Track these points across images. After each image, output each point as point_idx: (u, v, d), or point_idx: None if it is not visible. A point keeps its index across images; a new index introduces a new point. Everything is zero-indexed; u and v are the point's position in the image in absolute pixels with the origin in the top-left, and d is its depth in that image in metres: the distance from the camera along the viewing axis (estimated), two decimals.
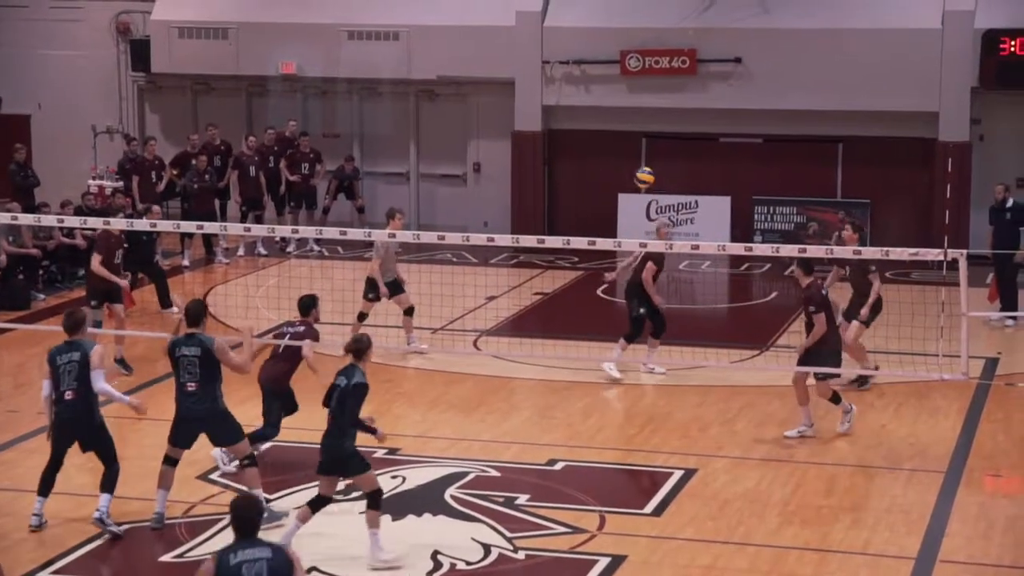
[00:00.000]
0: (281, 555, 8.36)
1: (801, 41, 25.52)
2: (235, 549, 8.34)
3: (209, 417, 12.74)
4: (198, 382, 12.64)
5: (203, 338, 12.74)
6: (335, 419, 11.94)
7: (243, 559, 8.27)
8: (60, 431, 12.83)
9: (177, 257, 24.58)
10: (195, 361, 12.63)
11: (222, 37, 28.06)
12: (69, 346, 12.79)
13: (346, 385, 11.94)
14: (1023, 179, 25.37)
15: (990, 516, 13.31)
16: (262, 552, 8.30)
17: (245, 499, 8.88)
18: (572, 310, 22.33)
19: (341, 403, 11.92)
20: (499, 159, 27.38)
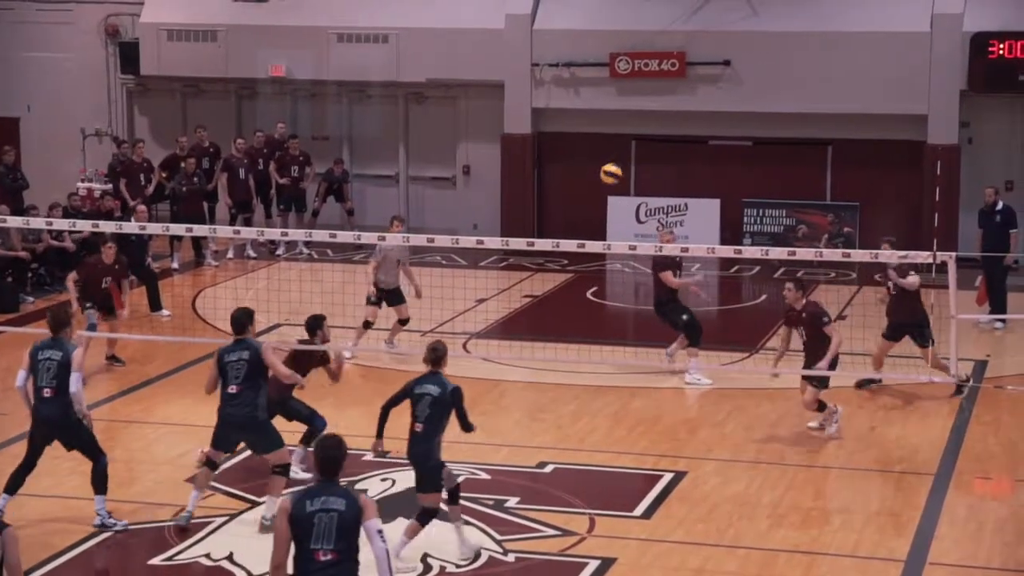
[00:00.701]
0: (353, 509, 8.47)
1: (790, 44, 25.54)
2: (313, 495, 8.48)
3: (248, 424, 12.65)
4: (240, 386, 12.54)
5: (251, 343, 12.66)
6: (427, 430, 11.84)
7: (318, 507, 8.43)
8: (38, 429, 12.83)
9: (166, 260, 24.53)
10: (242, 366, 12.55)
11: (211, 39, 28.03)
12: (52, 343, 12.76)
13: (441, 394, 11.84)
14: (1011, 182, 25.44)
15: (979, 518, 13.33)
16: (336, 503, 8.44)
17: (332, 438, 8.76)
18: (562, 313, 22.33)
19: (436, 413, 11.84)
20: (488, 162, 27.38)
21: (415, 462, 11.99)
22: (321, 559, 8.45)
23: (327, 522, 8.43)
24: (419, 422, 11.87)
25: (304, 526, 8.43)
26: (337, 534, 8.44)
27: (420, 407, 11.88)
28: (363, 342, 18.39)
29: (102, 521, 12.75)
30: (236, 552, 12.33)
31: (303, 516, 8.44)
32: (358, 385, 17.66)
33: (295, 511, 8.45)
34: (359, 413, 16.46)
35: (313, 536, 8.43)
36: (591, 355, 18.05)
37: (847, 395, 17.09)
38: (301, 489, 8.77)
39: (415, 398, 11.94)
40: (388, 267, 18.34)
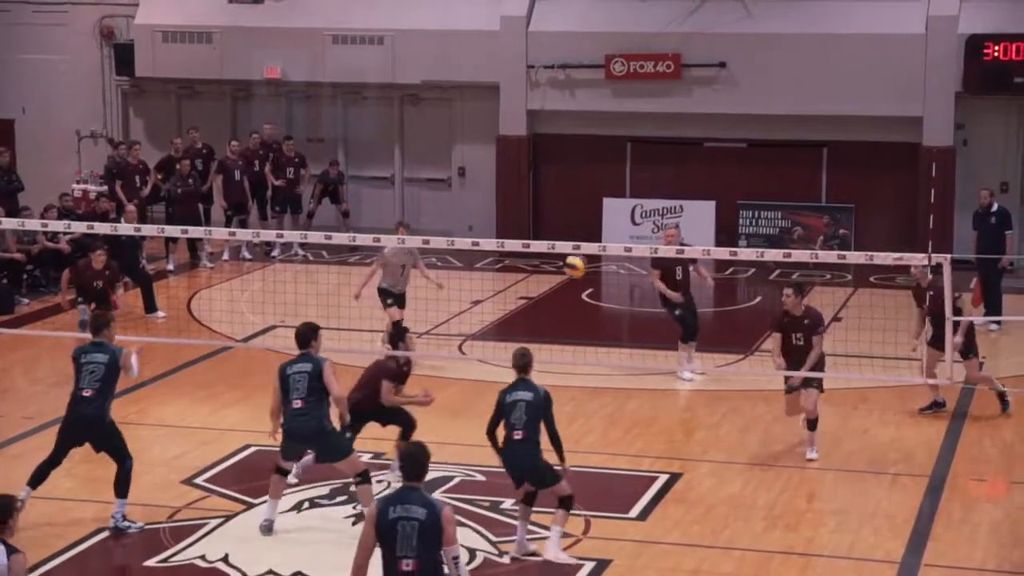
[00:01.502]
0: (434, 518, 8.78)
1: (786, 46, 25.54)
2: (396, 502, 8.86)
3: (316, 435, 12.61)
4: (304, 399, 12.50)
5: (315, 358, 12.65)
6: (528, 433, 11.93)
7: (400, 515, 8.78)
8: (71, 427, 12.92)
9: (162, 261, 24.52)
10: (304, 378, 12.53)
11: (206, 41, 28.01)
12: (95, 347, 12.90)
13: (535, 398, 11.95)
14: (1007, 184, 25.46)
15: (974, 520, 13.34)
16: (418, 512, 8.78)
17: (417, 445, 9.22)
18: (557, 314, 22.33)
19: (533, 417, 11.93)
20: (484, 163, 27.37)
21: (523, 469, 12.06)
22: (404, 568, 8.77)
23: (408, 531, 8.76)
24: (517, 429, 11.99)
25: (388, 534, 8.79)
26: (418, 543, 8.75)
27: (515, 414, 12.01)
28: (357, 344, 18.34)
29: (115, 524, 12.78)
30: (232, 554, 12.33)
31: (386, 523, 8.79)
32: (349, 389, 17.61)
33: (380, 518, 8.83)
34: None
35: (397, 545, 8.77)
36: (586, 357, 18.06)
37: (841, 395, 17.11)
38: (387, 495, 9.26)
39: (508, 407, 12.05)
40: (392, 271, 18.20)
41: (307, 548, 12.50)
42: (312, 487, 13.96)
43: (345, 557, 12.18)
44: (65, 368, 17.75)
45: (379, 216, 27.81)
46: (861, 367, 17.23)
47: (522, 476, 12.14)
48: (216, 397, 17.17)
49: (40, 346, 19.43)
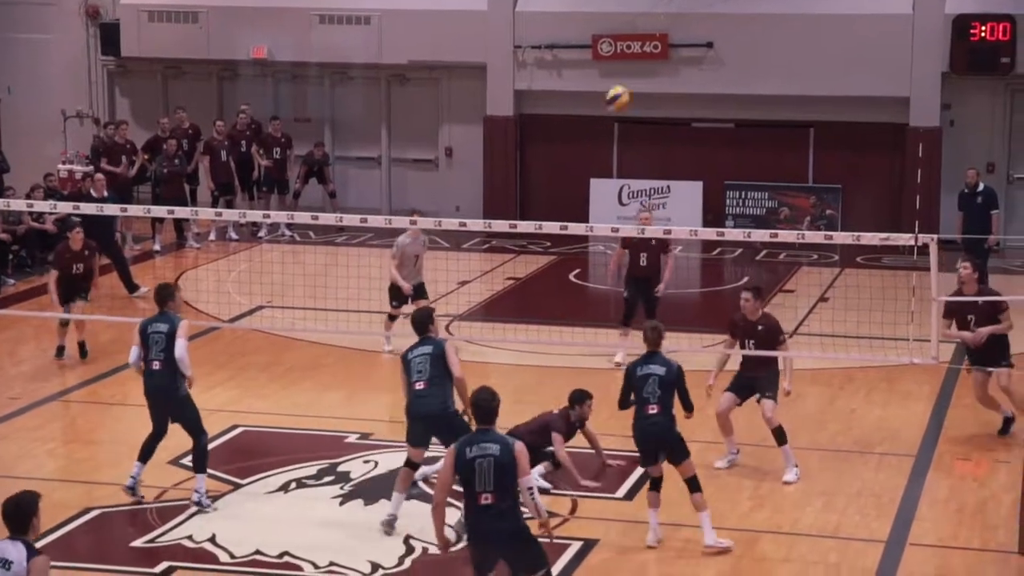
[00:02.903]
0: (508, 452, 9.55)
1: (773, 26, 25.54)
2: (472, 442, 9.64)
3: (438, 417, 12.39)
4: (427, 381, 12.41)
5: (435, 340, 12.61)
6: (662, 408, 12.03)
7: (476, 454, 9.55)
8: (152, 400, 13.04)
9: (148, 242, 24.49)
10: (426, 360, 12.45)
11: (192, 21, 27.93)
12: (159, 317, 12.97)
13: (667, 373, 12.06)
14: (993, 164, 25.49)
15: (960, 499, 13.40)
16: (492, 448, 9.56)
17: (486, 391, 9.87)
18: (544, 295, 22.34)
19: (667, 391, 12.04)
20: (471, 144, 27.35)
21: (659, 440, 12.10)
22: (483, 502, 9.53)
23: (485, 467, 9.50)
24: (651, 403, 12.07)
25: (467, 471, 9.55)
26: (495, 477, 9.49)
27: (648, 388, 12.09)
28: (344, 324, 18.33)
29: (199, 500, 12.82)
30: (218, 534, 12.33)
31: (464, 462, 9.55)
32: (337, 370, 17.66)
33: (458, 459, 9.57)
34: (338, 395, 16.52)
35: (476, 481, 9.52)
36: (574, 337, 18.06)
37: (827, 375, 17.15)
38: (463, 438, 9.80)
39: (639, 381, 12.13)
40: (408, 262, 17.71)
41: (294, 528, 12.50)
42: (300, 467, 13.97)
43: (332, 538, 12.28)
44: (49, 349, 17.85)
45: (366, 196, 27.80)
46: (848, 347, 17.26)
47: (657, 448, 12.14)
48: (203, 378, 17.05)
49: (25, 327, 19.40)
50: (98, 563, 11.97)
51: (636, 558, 11.97)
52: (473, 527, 9.69)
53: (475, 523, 9.65)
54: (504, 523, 9.54)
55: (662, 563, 11.88)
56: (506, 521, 9.55)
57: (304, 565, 11.76)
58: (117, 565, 11.90)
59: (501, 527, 9.54)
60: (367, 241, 25.12)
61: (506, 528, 9.56)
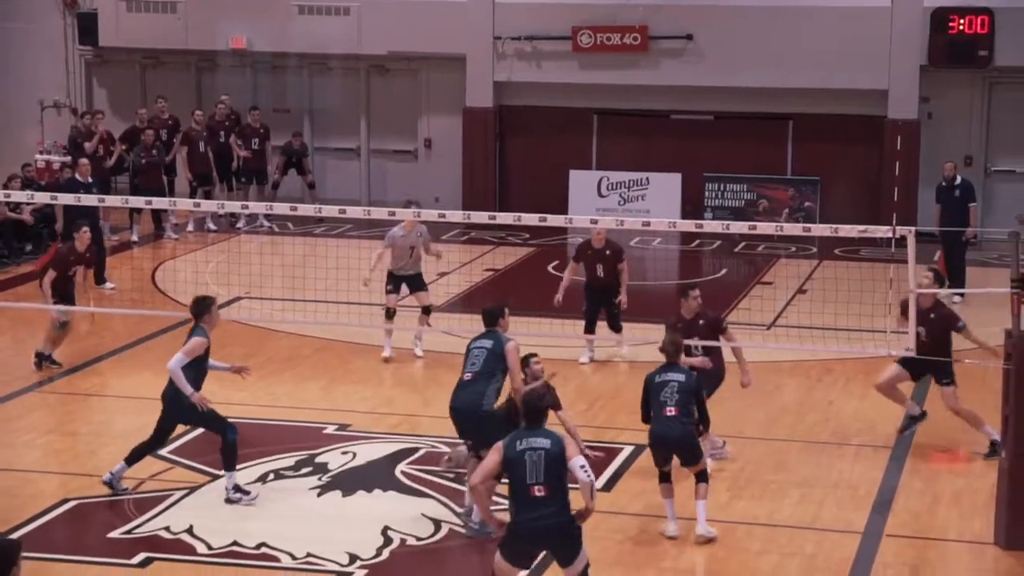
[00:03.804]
0: (558, 446, 9.62)
1: (752, 19, 25.56)
2: (521, 436, 9.70)
3: (472, 414, 12.37)
4: (474, 374, 12.44)
5: (498, 336, 12.60)
6: (680, 411, 12.11)
7: (527, 447, 9.61)
8: (162, 405, 12.97)
9: (126, 232, 24.42)
10: (482, 354, 12.47)
11: (170, 11, 27.85)
12: (194, 329, 12.86)
13: (687, 379, 12.21)
14: (971, 157, 25.57)
15: (936, 490, 13.44)
16: (542, 442, 9.62)
17: (534, 391, 10.16)
18: (523, 286, 22.32)
19: (685, 396, 12.13)
20: (450, 135, 27.33)
21: (675, 440, 12.14)
22: (536, 494, 9.52)
23: (536, 459, 9.54)
24: (669, 406, 12.13)
25: (517, 464, 9.57)
26: (546, 469, 9.53)
27: (666, 392, 12.17)
28: (323, 315, 18.31)
29: (227, 497, 12.76)
30: (196, 525, 12.31)
31: (514, 455, 9.59)
32: (315, 361, 17.64)
33: (507, 452, 9.62)
34: (316, 387, 16.50)
35: (527, 473, 9.54)
36: (552, 329, 18.06)
37: (806, 367, 17.19)
38: (513, 433, 9.87)
39: (657, 387, 12.23)
40: (401, 253, 17.60)
41: (272, 519, 12.49)
42: (277, 458, 13.96)
43: (310, 529, 12.26)
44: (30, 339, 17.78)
45: (345, 188, 27.77)
46: (825, 339, 17.27)
47: (672, 448, 12.19)
48: None
49: (1, 318, 19.33)
50: (75, 554, 11.94)
51: (613, 548, 11.98)
52: (524, 520, 9.58)
53: (525, 515, 9.56)
54: (557, 517, 9.55)
55: (638, 554, 11.89)
56: (558, 515, 9.56)
57: (282, 556, 11.75)
58: (94, 556, 11.85)
59: (552, 521, 9.54)
60: (346, 232, 25.08)
61: (557, 522, 9.56)
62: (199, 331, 12.83)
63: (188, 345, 12.73)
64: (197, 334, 12.80)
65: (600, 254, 17.19)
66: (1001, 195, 25.53)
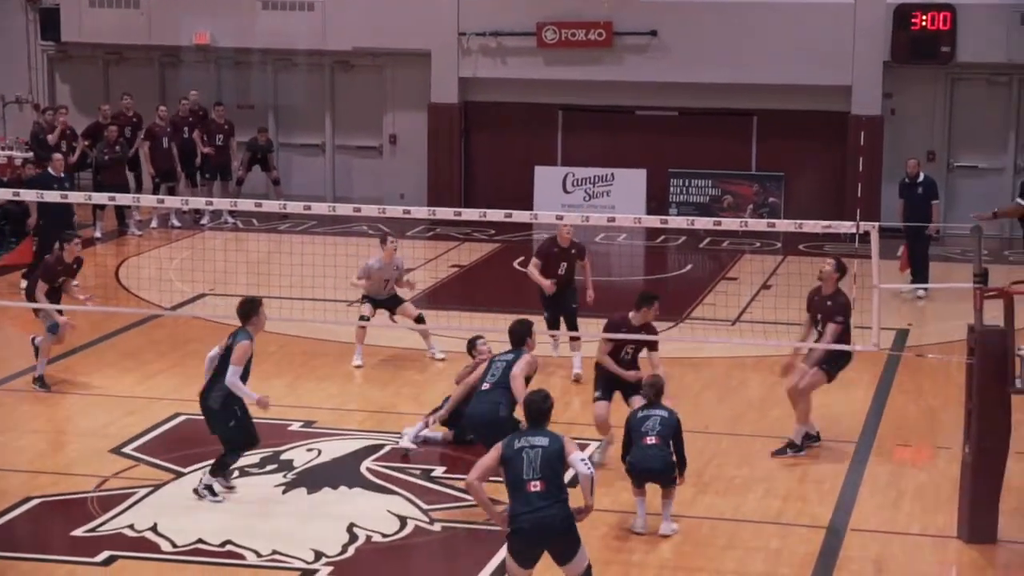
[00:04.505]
0: (557, 444, 9.70)
1: (716, 14, 25.62)
2: (521, 435, 9.81)
3: (489, 421, 12.78)
4: (491, 383, 12.97)
5: (518, 353, 13.14)
6: (661, 441, 12.25)
7: (524, 444, 9.70)
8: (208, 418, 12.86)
9: (89, 229, 24.29)
10: (502, 367, 12.99)
11: (134, 6, 27.72)
12: (234, 333, 12.71)
13: (669, 416, 12.39)
14: (933, 152, 25.70)
15: (900, 485, 13.51)
16: (541, 440, 9.71)
17: (540, 392, 10.08)
18: (489, 282, 22.34)
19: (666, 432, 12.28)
20: (415, 131, 27.29)
21: (653, 469, 12.23)
22: (531, 489, 9.58)
23: (532, 456, 9.62)
24: (650, 435, 12.27)
25: (514, 461, 9.64)
26: (542, 465, 9.60)
27: (648, 424, 12.33)
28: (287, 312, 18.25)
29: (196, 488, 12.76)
30: (160, 523, 12.27)
31: (512, 452, 9.67)
32: (280, 358, 17.59)
33: (505, 449, 9.70)
34: (281, 383, 16.45)
35: (524, 468, 9.61)
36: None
37: (770, 363, 17.22)
38: (513, 432, 10.02)
39: (639, 422, 12.38)
40: (376, 285, 17.33)
41: (237, 517, 12.45)
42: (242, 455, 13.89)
43: (275, 526, 12.24)
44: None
45: (310, 184, 27.71)
46: (790, 334, 17.29)
47: (649, 476, 12.26)
48: (145, 366, 17.06)
49: None
50: (39, 552, 11.89)
51: None
52: (520, 516, 9.60)
53: (520, 510, 9.59)
54: (553, 510, 9.56)
55: (604, 550, 11.91)
56: (555, 508, 9.58)
57: (247, 553, 11.72)
58: (58, 555, 11.81)
59: (547, 513, 9.55)
60: (311, 228, 25.03)
61: (552, 514, 9.56)
62: (244, 335, 12.60)
63: (236, 354, 12.48)
64: (242, 338, 12.56)
65: (566, 253, 17.14)
66: (963, 190, 25.67)
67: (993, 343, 11.95)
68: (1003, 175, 25.60)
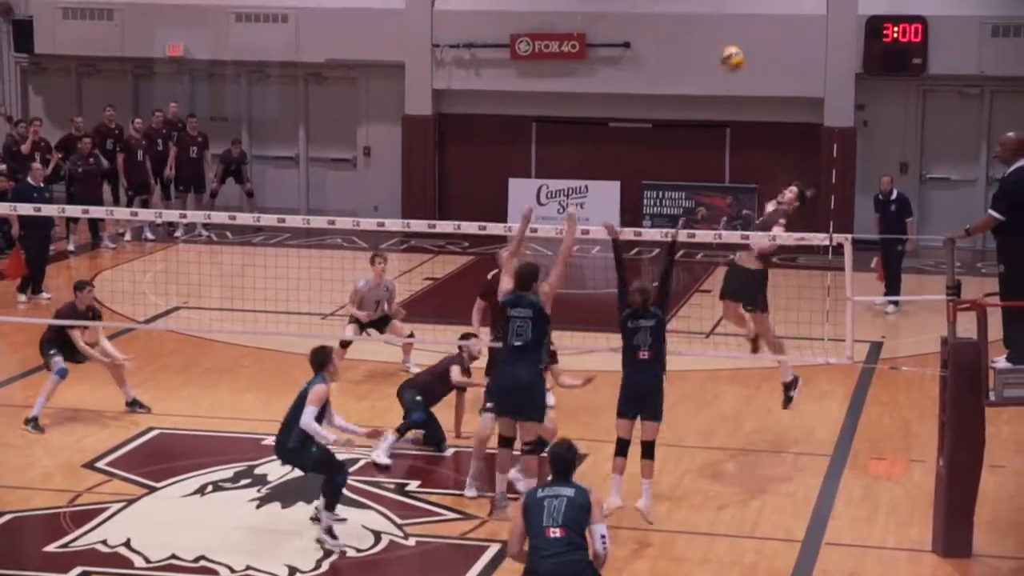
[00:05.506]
0: (583, 496, 9.19)
1: (689, 26, 25.68)
2: (545, 487, 9.32)
3: (526, 384, 12.57)
4: (525, 341, 12.55)
5: (533, 299, 12.63)
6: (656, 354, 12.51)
7: (548, 494, 9.21)
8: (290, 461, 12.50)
9: (62, 242, 24.19)
10: (527, 324, 12.56)
11: (107, 18, 27.66)
12: (312, 380, 12.30)
13: (656, 324, 12.49)
14: (906, 164, 25.81)
15: (874, 498, 13.54)
16: (567, 491, 9.20)
17: (563, 443, 9.58)
18: (463, 295, 22.17)
19: (658, 339, 12.46)
20: (389, 143, 27.28)
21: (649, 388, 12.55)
22: (550, 536, 9.05)
23: (556, 504, 9.13)
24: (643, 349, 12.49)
25: (535, 509, 9.15)
26: (565, 513, 9.10)
27: (639, 337, 12.51)
28: (262, 325, 18.22)
29: (319, 537, 12.25)
30: (133, 539, 12.22)
31: (534, 502, 9.20)
32: (254, 371, 17.55)
33: (528, 500, 9.25)
34: (254, 398, 16.41)
35: (544, 516, 9.10)
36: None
37: (745, 375, 17.25)
38: (537, 486, 9.69)
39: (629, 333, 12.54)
40: (367, 306, 17.17)
41: (211, 532, 12.41)
42: (216, 470, 13.87)
43: (249, 541, 12.19)
44: None
45: (284, 196, 27.66)
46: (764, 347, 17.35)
47: (642, 394, 12.56)
48: None
49: None
50: (11, 569, 11.80)
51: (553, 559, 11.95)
52: (534, 562, 9.10)
53: (537, 557, 9.07)
54: (570, 555, 9.05)
55: None
56: (572, 555, 9.06)
57: (220, 569, 11.68)
58: (30, 571, 11.74)
59: (566, 559, 9.03)
60: (285, 241, 24.98)
61: (571, 560, 9.05)
62: (320, 379, 12.24)
63: (312, 395, 12.07)
64: (317, 382, 12.21)
65: None
66: (936, 202, 25.76)
67: (967, 355, 11.98)
68: (975, 186, 25.70)
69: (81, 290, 15.67)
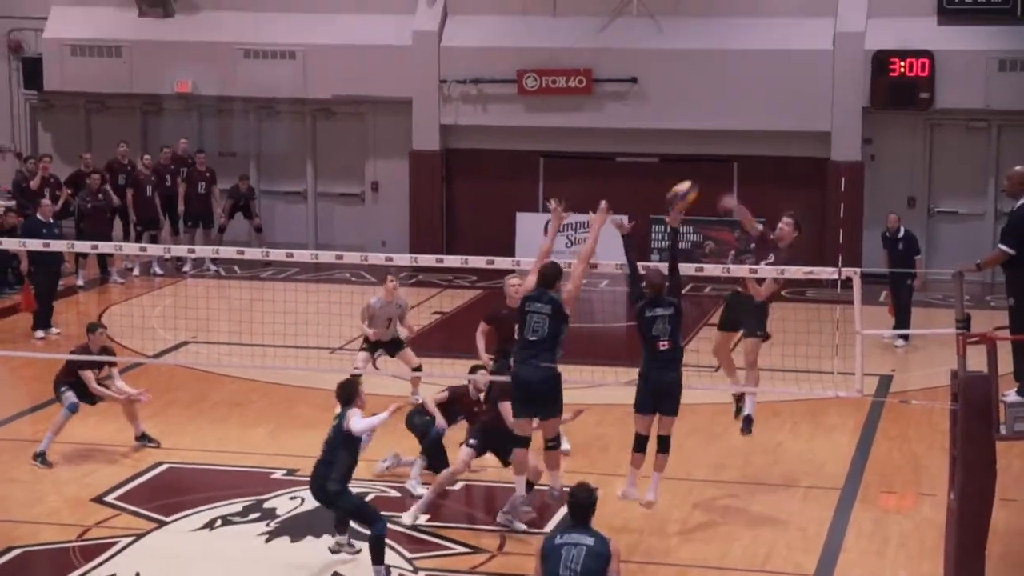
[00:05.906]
0: (603, 545, 9.06)
1: (696, 61, 25.74)
2: (563, 532, 9.20)
3: (545, 382, 12.60)
4: (541, 336, 12.58)
5: (554, 296, 12.79)
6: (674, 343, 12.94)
7: (567, 541, 9.06)
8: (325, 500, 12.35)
9: (71, 277, 24.24)
10: (544, 320, 12.64)
11: (116, 55, 27.77)
12: (338, 414, 12.23)
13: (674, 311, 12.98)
14: (914, 198, 25.81)
15: (885, 532, 13.50)
16: (586, 539, 9.06)
17: (582, 487, 9.44)
18: (471, 329, 22.14)
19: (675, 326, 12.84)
20: (397, 178, 27.33)
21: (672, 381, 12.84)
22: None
23: (575, 552, 9.01)
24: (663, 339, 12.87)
25: (552, 555, 9.03)
26: (584, 563, 8.97)
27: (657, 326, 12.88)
28: (270, 360, 18.22)
29: None
30: (143, 573, 12.21)
31: (552, 548, 9.07)
32: (262, 406, 17.56)
33: (546, 546, 9.13)
34: (263, 431, 16.41)
35: (561, 564, 8.99)
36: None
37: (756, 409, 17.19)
38: (555, 528, 9.58)
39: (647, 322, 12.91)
40: (379, 323, 17.16)
41: (220, 566, 12.40)
42: (225, 504, 13.86)
43: (258, 575, 12.16)
44: None
45: (292, 231, 27.70)
46: (773, 380, 17.32)
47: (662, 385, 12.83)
48: None
49: None
50: None
51: None
52: None
53: None
54: None
55: None
56: None
57: None
58: None
59: None
60: (293, 276, 25.02)
61: None
62: (349, 411, 12.13)
63: (351, 413, 11.99)
64: (348, 414, 12.09)
65: None
66: (944, 236, 25.76)
67: (977, 389, 11.94)
68: (984, 220, 25.70)
69: (93, 332, 15.56)
